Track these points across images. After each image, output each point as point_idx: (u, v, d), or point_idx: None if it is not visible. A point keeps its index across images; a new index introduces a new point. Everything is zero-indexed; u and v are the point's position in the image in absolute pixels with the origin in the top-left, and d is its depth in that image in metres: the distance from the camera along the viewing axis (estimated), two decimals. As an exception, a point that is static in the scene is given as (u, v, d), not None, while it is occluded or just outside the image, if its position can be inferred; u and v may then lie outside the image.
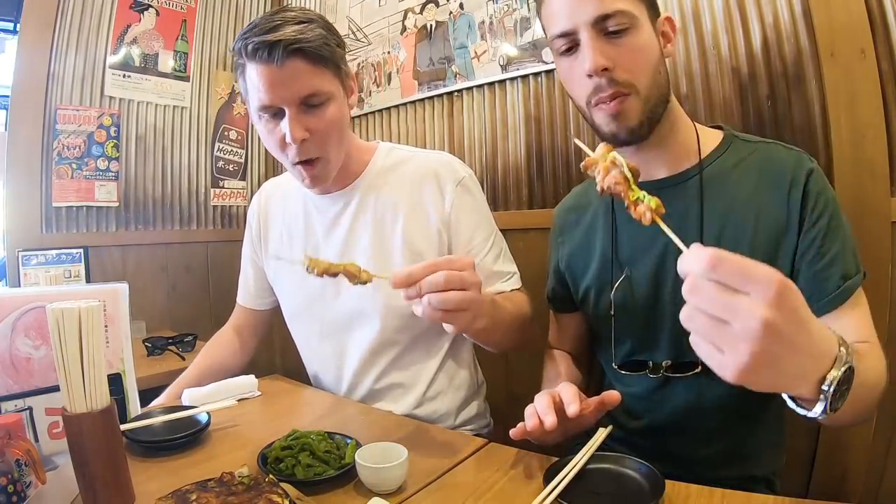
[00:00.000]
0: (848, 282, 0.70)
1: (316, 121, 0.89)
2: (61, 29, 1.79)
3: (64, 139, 1.81)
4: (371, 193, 1.04)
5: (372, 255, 1.01)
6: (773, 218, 0.73)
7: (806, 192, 0.72)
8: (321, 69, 0.88)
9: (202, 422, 0.85)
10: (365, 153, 1.07)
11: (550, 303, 1.03)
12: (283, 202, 1.15)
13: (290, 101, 0.86)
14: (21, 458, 0.60)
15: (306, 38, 0.84)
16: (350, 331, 1.06)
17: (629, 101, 0.73)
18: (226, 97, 2.24)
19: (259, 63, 0.85)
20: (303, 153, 0.90)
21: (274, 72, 0.84)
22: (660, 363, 0.82)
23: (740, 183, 0.76)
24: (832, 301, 0.70)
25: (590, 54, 0.71)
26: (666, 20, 0.78)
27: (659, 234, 0.75)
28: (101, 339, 0.61)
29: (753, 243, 0.73)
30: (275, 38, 0.83)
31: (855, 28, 0.98)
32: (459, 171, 1.03)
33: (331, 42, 0.89)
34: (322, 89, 0.88)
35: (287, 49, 0.83)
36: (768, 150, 0.78)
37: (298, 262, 0.74)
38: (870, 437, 1.00)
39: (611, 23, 0.70)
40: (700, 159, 0.79)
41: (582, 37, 0.72)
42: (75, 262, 1.72)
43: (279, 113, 0.88)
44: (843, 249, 0.71)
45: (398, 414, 1.03)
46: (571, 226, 0.95)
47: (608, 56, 0.71)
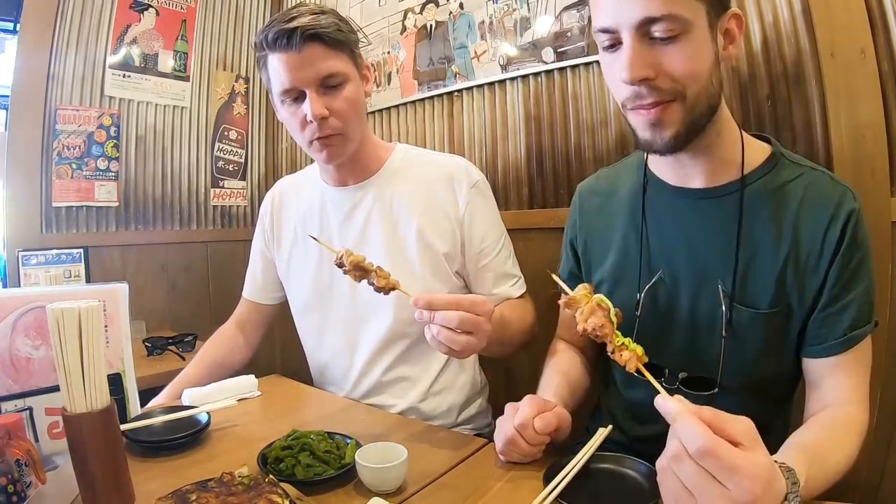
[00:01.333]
0: (855, 331, 0.69)
1: (335, 100, 0.95)
2: (61, 29, 1.79)
3: (64, 139, 1.81)
4: (387, 190, 1.06)
5: (386, 251, 1.03)
6: (807, 251, 0.70)
7: (843, 232, 0.69)
8: (337, 52, 0.95)
9: (202, 422, 0.85)
10: (383, 151, 1.11)
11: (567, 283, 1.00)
12: (298, 198, 1.17)
13: (310, 82, 0.93)
14: (21, 458, 0.60)
15: (321, 24, 0.92)
16: (363, 322, 1.08)
17: (671, 109, 0.66)
18: (226, 97, 2.24)
19: (279, 51, 0.92)
20: (323, 129, 0.96)
21: (293, 57, 0.92)
22: (676, 374, 0.79)
23: (781, 207, 0.72)
24: (834, 347, 0.70)
25: (627, 62, 0.64)
26: (733, 17, 0.68)
27: (691, 239, 0.77)
28: (101, 339, 0.61)
29: (783, 273, 0.71)
30: (293, 25, 0.90)
31: (855, 28, 0.98)
32: (474, 175, 1.07)
33: (344, 28, 0.97)
34: (339, 70, 0.95)
35: (304, 35, 0.91)
36: (815, 179, 0.73)
37: (334, 249, 0.80)
38: (870, 436, 0.99)
39: (658, 28, 0.62)
40: (743, 174, 0.74)
41: (624, 39, 0.64)
42: (75, 262, 1.72)
43: (300, 97, 0.95)
44: (861, 298, 0.69)
45: (402, 408, 1.04)
46: (593, 210, 0.91)
47: (650, 64, 0.64)
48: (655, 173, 0.82)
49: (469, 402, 1.11)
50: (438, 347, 0.74)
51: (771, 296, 0.72)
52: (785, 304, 0.72)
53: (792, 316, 0.72)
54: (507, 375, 1.47)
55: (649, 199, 0.82)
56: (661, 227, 0.80)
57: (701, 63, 0.65)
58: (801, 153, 0.81)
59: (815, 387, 0.73)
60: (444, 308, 0.71)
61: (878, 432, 0.99)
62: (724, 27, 0.67)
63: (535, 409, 0.70)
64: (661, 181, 0.81)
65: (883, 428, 0.99)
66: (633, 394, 0.86)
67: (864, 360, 0.71)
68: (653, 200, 0.81)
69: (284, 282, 1.20)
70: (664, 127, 0.67)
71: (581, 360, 0.95)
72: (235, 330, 1.25)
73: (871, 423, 0.72)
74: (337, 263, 0.80)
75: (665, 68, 0.64)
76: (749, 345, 0.74)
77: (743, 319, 0.73)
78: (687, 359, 0.79)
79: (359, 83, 1.00)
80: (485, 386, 1.18)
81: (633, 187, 0.85)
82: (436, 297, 0.72)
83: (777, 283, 0.71)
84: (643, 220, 0.82)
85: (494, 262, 1.04)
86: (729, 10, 0.67)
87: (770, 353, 0.74)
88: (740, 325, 0.73)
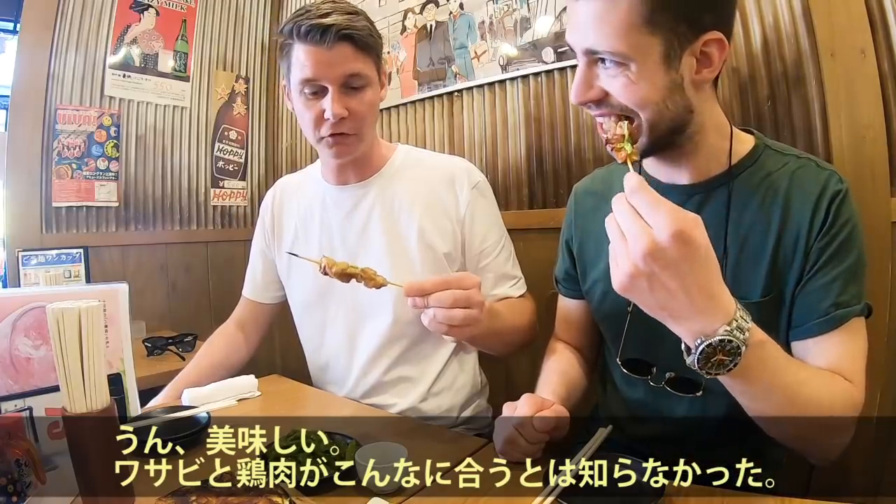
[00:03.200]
0: (840, 310, 0.67)
1: (355, 101, 0.96)
2: (61, 29, 1.79)
3: (64, 139, 1.81)
4: (388, 189, 1.06)
5: (387, 251, 1.03)
6: (795, 235, 0.71)
7: (828, 213, 0.69)
8: (365, 55, 0.96)
9: (202, 422, 0.85)
10: (385, 151, 1.11)
11: (559, 284, 0.99)
12: (298, 197, 1.17)
13: (335, 79, 0.93)
14: (21, 458, 0.60)
15: (355, 26, 0.93)
16: (363, 321, 1.07)
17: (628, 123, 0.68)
18: (226, 97, 2.24)
19: (309, 44, 0.92)
20: (339, 128, 0.96)
21: (323, 52, 0.92)
22: (663, 373, 0.80)
23: (768, 196, 0.73)
24: (819, 326, 0.68)
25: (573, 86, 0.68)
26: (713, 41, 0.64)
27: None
28: (101, 339, 0.61)
29: (774, 258, 0.71)
30: (328, 22, 0.91)
31: (855, 28, 0.98)
32: (475, 176, 1.08)
33: (374, 33, 0.98)
34: (364, 72, 0.96)
35: (338, 33, 0.91)
36: (801, 166, 0.73)
37: (315, 260, 0.80)
38: (870, 436, 1.00)
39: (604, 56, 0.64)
40: (730, 166, 0.75)
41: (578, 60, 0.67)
42: (75, 262, 1.72)
43: (320, 91, 0.95)
44: (846, 277, 0.68)
45: (402, 408, 1.04)
46: (588, 211, 0.92)
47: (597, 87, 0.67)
48: (648, 171, 0.82)
49: (469, 402, 1.11)
50: (439, 329, 0.74)
51: (762, 285, 0.72)
52: (776, 290, 0.72)
53: (782, 303, 0.72)
54: (507, 376, 1.47)
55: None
56: None
57: (647, 92, 0.64)
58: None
59: None
60: (434, 289, 0.73)
61: (878, 432, 0.99)
62: (697, 51, 0.64)
63: (534, 407, 0.70)
64: (653, 179, 0.81)
65: (884, 423, 0.99)
66: (633, 393, 0.86)
67: (855, 343, 0.69)
68: None
69: (285, 281, 1.20)
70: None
71: (579, 361, 0.95)
72: (235, 330, 1.25)
73: (871, 423, 0.72)
74: (322, 272, 0.79)
75: (610, 93, 0.66)
76: None
77: None
78: (676, 357, 0.79)
79: (377, 88, 1.01)
80: (485, 386, 1.18)
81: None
82: (425, 282, 0.74)
83: (767, 272, 0.72)
84: None
85: (495, 262, 1.04)
86: (705, 35, 0.63)
87: None
88: None
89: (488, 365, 1.21)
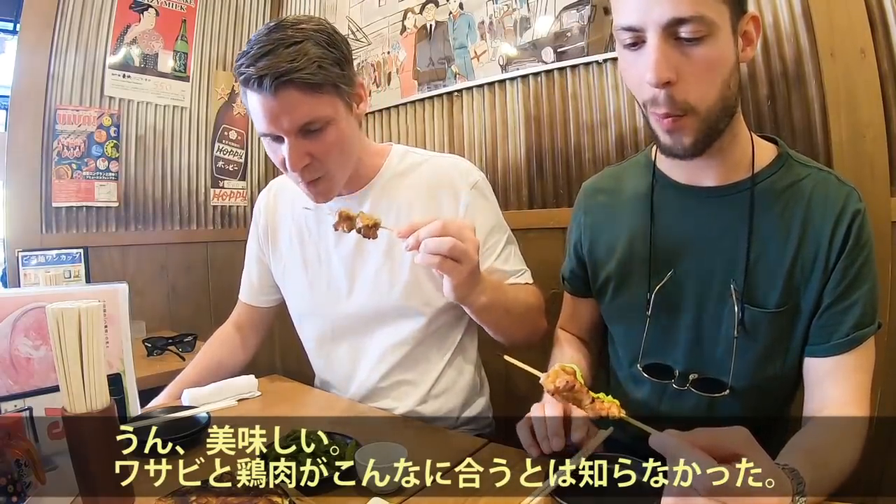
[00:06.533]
0: (859, 331, 0.69)
1: (316, 145, 0.88)
2: (61, 29, 1.79)
3: (64, 139, 1.81)
4: (384, 197, 1.03)
5: (384, 259, 1.01)
6: (814, 250, 0.71)
7: (849, 232, 0.70)
8: (316, 95, 0.84)
9: (202, 422, 0.85)
10: (377, 157, 1.06)
11: (566, 283, 0.99)
12: (293, 201, 1.13)
13: (287, 130, 0.85)
14: (21, 458, 0.60)
15: (297, 66, 0.81)
16: (362, 328, 1.06)
17: (683, 121, 0.66)
18: (226, 97, 2.24)
19: (252, 91, 0.84)
20: (306, 176, 0.90)
21: (269, 101, 0.83)
22: (686, 375, 0.79)
23: (789, 207, 0.73)
24: (838, 346, 0.70)
25: (653, 64, 0.62)
26: (751, 19, 0.67)
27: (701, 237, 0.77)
28: (101, 339, 0.61)
29: (791, 270, 0.72)
30: (264, 69, 0.80)
31: (855, 28, 0.98)
32: (473, 175, 1.04)
33: (326, 63, 0.84)
34: (319, 115, 0.85)
35: (277, 81, 0.80)
36: (822, 179, 0.74)
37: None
38: (870, 436, 0.99)
39: (685, 29, 0.61)
40: (753, 173, 0.75)
41: (649, 38, 0.63)
42: (75, 263, 1.72)
43: (279, 138, 0.87)
44: (866, 298, 0.70)
45: (403, 411, 1.04)
46: (598, 208, 0.91)
47: (674, 67, 0.63)
48: (664, 172, 0.82)
49: (469, 403, 1.11)
50: (430, 262, 0.73)
51: (778, 295, 0.72)
52: (791, 303, 0.72)
53: (798, 316, 0.73)
54: (508, 376, 1.47)
55: (657, 197, 0.82)
56: (669, 226, 0.80)
57: (721, 67, 0.65)
58: (801, 153, 0.81)
59: (817, 386, 0.73)
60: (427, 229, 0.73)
61: (878, 432, 0.99)
62: (742, 29, 0.67)
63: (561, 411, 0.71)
64: (670, 180, 0.81)
65: (883, 428, 0.99)
66: (637, 393, 0.86)
67: (867, 361, 0.71)
68: (661, 199, 0.81)
69: (281, 287, 1.17)
70: (683, 134, 0.67)
71: (584, 351, 0.96)
72: (233, 331, 1.24)
73: (872, 423, 0.72)
74: (335, 227, 0.82)
75: (687, 72, 0.63)
76: (757, 344, 0.74)
77: (751, 319, 0.73)
78: (695, 359, 0.79)
79: (345, 118, 0.90)
80: (485, 387, 1.18)
81: (640, 186, 0.85)
82: (416, 220, 0.75)
83: (784, 283, 0.72)
84: (651, 219, 0.82)
85: (498, 261, 1.02)
86: (748, 13, 0.67)
87: (777, 353, 0.75)
88: (749, 324, 0.73)
89: (488, 366, 1.21)
